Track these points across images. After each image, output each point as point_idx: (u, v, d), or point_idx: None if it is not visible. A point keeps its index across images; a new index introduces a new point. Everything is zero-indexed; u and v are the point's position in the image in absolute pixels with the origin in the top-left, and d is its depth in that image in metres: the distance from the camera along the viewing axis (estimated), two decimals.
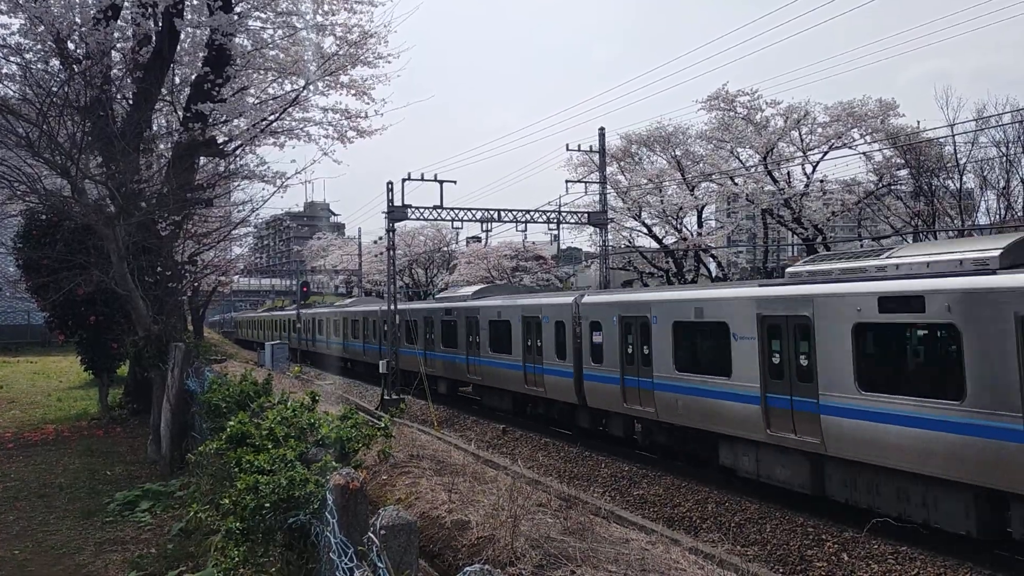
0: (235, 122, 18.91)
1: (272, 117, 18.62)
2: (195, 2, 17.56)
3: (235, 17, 16.72)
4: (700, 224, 34.91)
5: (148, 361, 14.55)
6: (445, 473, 9.09)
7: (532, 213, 26.69)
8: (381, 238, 46.19)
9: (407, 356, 26.06)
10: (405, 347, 26.33)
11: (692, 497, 12.56)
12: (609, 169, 31.96)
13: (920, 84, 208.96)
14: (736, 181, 32.28)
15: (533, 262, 47.44)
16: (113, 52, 16.35)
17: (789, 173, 30.97)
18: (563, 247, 59.55)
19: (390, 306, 25.14)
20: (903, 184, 30.70)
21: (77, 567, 8.08)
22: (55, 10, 14.47)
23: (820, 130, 30.14)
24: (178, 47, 17.69)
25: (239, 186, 22.89)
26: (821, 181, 30.38)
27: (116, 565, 8.00)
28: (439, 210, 24.80)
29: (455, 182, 32.37)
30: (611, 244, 31.12)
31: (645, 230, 35.65)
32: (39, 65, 15.16)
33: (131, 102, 16.88)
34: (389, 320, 25.18)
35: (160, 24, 16.73)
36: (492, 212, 25.50)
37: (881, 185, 30.39)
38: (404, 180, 25.33)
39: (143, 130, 16.82)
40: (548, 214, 27.49)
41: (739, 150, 32.43)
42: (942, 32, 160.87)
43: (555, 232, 42.58)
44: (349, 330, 35.60)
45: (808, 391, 10.92)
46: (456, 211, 25.07)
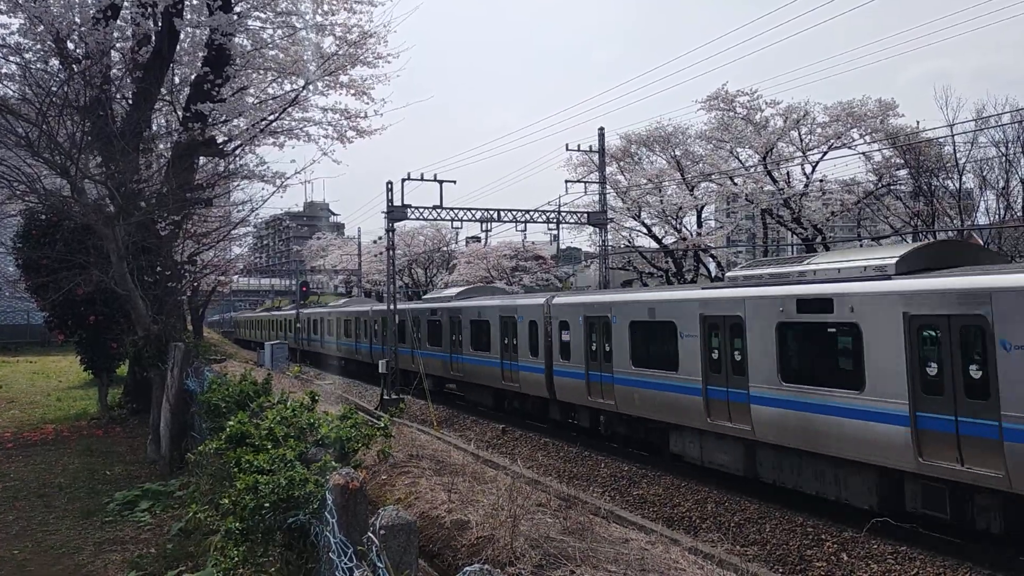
0: (235, 122, 18.91)
1: (272, 117, 18.62)
2: (195, 2, 17.55)
3: (235, 17, 16.73)
4: (700, 224, 34.92)
5: (148, 361, 14.56)
6: (445, 473, 9.10)
7: (532, 213, 26.74)
8: (381, 238, 46.26)
9: (401, 355, 26.14)
10: (400, 346, 26.41)
11: (692, 497, 12.59)
12: (609, 169, 32.01)
13: (920, 84, 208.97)
14: (736, 181, 32.29)
15: (533, 262, 47.46)
16: (113, 52, 16.33)
17: (788, 173, 30.96)
18: (563, 247, 59.62)
19: (389, 306, 25.15)
20: (902, 184, 30.71)
21: (76, 567, 8.07)
22: (55, 10, 14.46)
23: (819, 130, 30.15)
24: (178, 47, 17.69)
25: (239, 186, 22.94)
26: (820, 181, 30.38)
27: (115, 565, 8.00)
28: (439, 210, 24.84)
29: (455, 182, 32.47)
30: (611, 244, 31.15)
31: (645, 230, 35.69)
32: (39, 65, 15.16)
33: (131, 102, 16.86)
34: (389, 320, 25.21)
35: (160, 24, 16.72)
36: (492, 212, 25.55)
37: (880, 185, 30.39)
38: (404, 180, 25.39)
39: (143, 130, 16.81)
40: (548, 214, 27.53)
41: (738, 150, 32.45)
42: (942, 32, 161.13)
43: (555, 232, 42.69)
44: (343, 329, 35.80)
45: (741, 383, 12.15)
46: (456, 211, 25.11)
